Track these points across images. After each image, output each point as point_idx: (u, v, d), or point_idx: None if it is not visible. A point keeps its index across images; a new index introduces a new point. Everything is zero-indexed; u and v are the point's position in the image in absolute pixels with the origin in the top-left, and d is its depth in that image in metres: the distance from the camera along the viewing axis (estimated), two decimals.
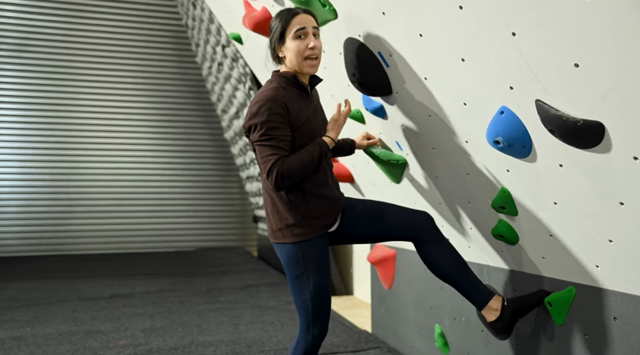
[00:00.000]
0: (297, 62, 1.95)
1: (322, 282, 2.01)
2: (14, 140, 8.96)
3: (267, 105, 1.88)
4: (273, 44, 1.99)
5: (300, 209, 1.98)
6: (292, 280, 2.02)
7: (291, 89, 1.97)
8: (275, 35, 1.97)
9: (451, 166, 2.13)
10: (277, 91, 1.92)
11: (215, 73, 8.25)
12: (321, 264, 2.01)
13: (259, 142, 1.89)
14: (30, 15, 9.04)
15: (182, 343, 3.53)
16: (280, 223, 2.00)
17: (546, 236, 1.87)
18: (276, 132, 1.88)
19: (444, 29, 1.66)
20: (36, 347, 3.48)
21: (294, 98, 1.95)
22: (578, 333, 1.89)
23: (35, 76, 9.03)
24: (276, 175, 1.86)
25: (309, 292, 1.99)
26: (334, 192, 2.07)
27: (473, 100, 1.76)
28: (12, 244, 8.93)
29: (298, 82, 1.98)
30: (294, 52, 1.94)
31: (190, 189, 9.65)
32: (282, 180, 1.87)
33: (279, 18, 1.96)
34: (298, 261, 1.99)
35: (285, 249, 2.01)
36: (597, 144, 1.41)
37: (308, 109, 2.00)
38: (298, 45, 1.93)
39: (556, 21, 1.30)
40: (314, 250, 2.00)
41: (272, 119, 1.87)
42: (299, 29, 1.92)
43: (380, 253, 3.39)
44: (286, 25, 1.94)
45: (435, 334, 2.84)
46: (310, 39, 1.94)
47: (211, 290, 5.52)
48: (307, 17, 1.95)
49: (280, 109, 1.88)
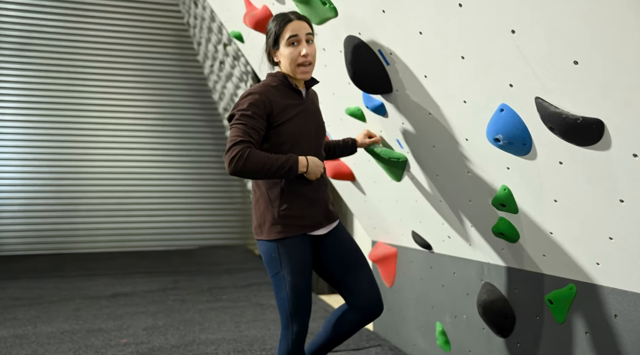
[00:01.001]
0: (291, 69, 2.01)
1: (299, 283, 2.01)
2: (16, 139, 8.96)
3: (248, 97, 1.95)
4: (268, 48, 2.05)
5: (279, 207, 2.00)
6: (271, 278, 2.05)
7: (281, 87, 2.02)
8: (270, 41, 2.03)
9: (451, 164, 2.13)
10: (264, 87, 1.99)
11: (216, 71, 8.25)
12: (298, 265, 2.01)
13: (232, 125, 1.92)
14: (32, 14, 9.04)
15: (183, 341, 3.53)
16: (260, 219, 2.04)
17: (546, 234, 1.87)
18: (250, 120, 1.91)
19: (444, 27, 1.66)
20: (38, 345, 3.49)
21: (282, 96, 2.00)
22: (579, 331, 1.89)
23: (37, 75, 9.04)
24: (234, 155, 1.84)
25: (285, 291, 2.01)
26: (316, 194, 2.06)
27: (473, 98, 1.76)
28: (14, 243, 8.94)
29: (288, 82, 2.03)
30: (287, 59, 2.00)
31: (192, 187, 9.66)
32: (237, 164, 1.83)
33: (274, 23, 2.02)
34: (275, 259, 2.01)
35: (263, 245, 2.04)
36: (596, 141, 1.41)
37: (296, 108, 2.03)
38: (291, 52, 1.99)
39: (555, 18, 1.30)
40: (291, 250, 2.01)
41: (250, 108, 1.92)
42: (292, 36, 1.97)
43: (382, 251, 3.39)
44: (280, 31, 1.99)
45: (436, 332, 2.84)
46: (303, 46, 1.99)
47: (213, 288, 5.53)
48: (301, 24, 1.99)
49: (261, 103, 1.93)
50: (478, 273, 2.49)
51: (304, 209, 2.03)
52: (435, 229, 2.66)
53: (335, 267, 2.14)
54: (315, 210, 2.06)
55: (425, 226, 2.75)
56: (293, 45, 1.98)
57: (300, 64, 1.99)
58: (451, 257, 2.71)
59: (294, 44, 1.98)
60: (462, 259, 2.61)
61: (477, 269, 2.49)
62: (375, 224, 3.42)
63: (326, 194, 2.13)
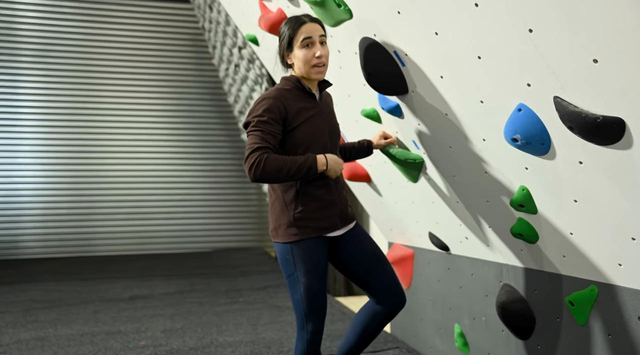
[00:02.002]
0: (305, 70, 2.03)
1: (313, 285, 2.03)
2: (36, 143, 9.09)
3: (263, 102, 1.97)
4: (282, 51, 2.07)
5: (294, 209, 2.02)
6: (286, 279, 2.08)
7: (295, 91, 2.04)
8: (283, 44, 2.05)
9: (468, 165, 2.11)
10: (278, 91, 2.01)
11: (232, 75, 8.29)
12: (312, 267, 2.03)
13: (249, 132, 1.95)
14: (52, 21, 9.17)
15: (201, 344, 3.55)
16: (276, 222, 2.06)
17: (566, 234, 1.84)
18: (266, 126, 1.93)
19: (460, 27, 1.65)
20: (59, 347, 3.53)
21: (296, 99, 2.02)
22: (601, 333, 1.87)
23: (56, 80, 9.16)
24: (253, 162, 1.87)
25: (300, 292, 2.04)
26: (332, 196, 2.07)
27: (490, 98, 1.74)
28: (35, 246, 9.06)
29: (302, 85, 2.05)
30: (301, 61, 2.02)
31: (209, 190, 9.70)
32: (256, 170, 1.87)
33: (287, 26, 2.03)
34: (289, 261, 2.04)
35: (278, 247, 2.07)
36: (617, 141, 1.39)
37: (310, 111, 2.04)
38: (305, 54, 2.01)
39: (574, 16, 1.28)
40: (306, 252, 2.03)
41: (265, 114, 1.94)
42: (306, 38, 1.99)
43: (399, 252, 3.38)
44: (293, 34, 2.01)
45: (454, 334, 2.82)
46: (317, 48, 2.01)
47: (230, 291, 5.55)
48: (314, 26, 2.02)
49: (276, 108, 1.96)
50: (496, 274, 2.47)
51: (319, 211, 2.04)
52: (452, 230, 2.65)
53: (357, 266, 2.17)
54: (331, 212, 2.07)
55: (442, 227, 2.73)
56: (307, 47, 2.00)
57: (314, 65, 2.01)
58: (469, 259, 2.69)
59: (308, 45, 2.00)
60: (480, 260, 2.59)
61: (496, 271, 2.47)
62: (391, 225, 3.41)
63: (342, 195, 2.14)
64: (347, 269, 2.19)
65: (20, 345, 3.58)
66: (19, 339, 3.74)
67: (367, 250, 2.18)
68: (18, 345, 3.60)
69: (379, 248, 2.23)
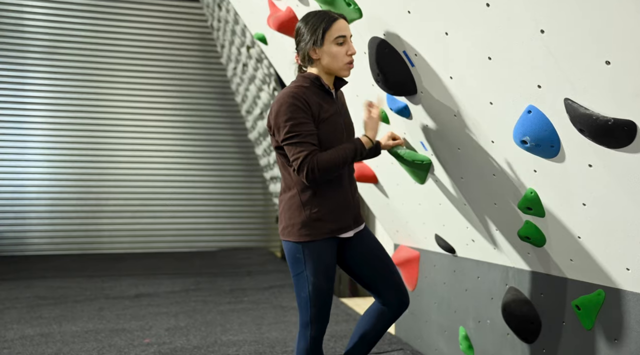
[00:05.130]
0: (337, 67, 2.00)
1: (322, 285, 2.03)
2: (43, 140, 9.13)
3: (287, 102, 1.93)
4: (308, 45, 1.99)
5: (310, 209, 2.01)
6: (293, 277, 2.08)
7: (314, 88, 2.01)
8: (312, 38, 1.97)
9: (477, 167, 2.10)
10: (298, 89, 1.98)
11: (239, 74, 8.30)
12: (322, 267, 2.03)
13: (286, 141, 1.93)
14: (60, 18, 9.21)
15: (205, 342, 3.55)
16: (289, 221, 2.05)
17: (574, 238, 1.83)
18: (301, 127, 1.91)
19: (470, 27, 1.64)
20: (63, 344, 3.54)
21: (316, 97, 1.99)
22: (607, 338, 1.85)
23: (63, 78, 9.20)
24: (307, 170, 1.90)
25: (307, 291, 2.04)
26: (347, 197, 2.08)
27: (500, 99, 1.73)
28: (41, 243, 9.10)
29: (321, 83, 2.02)
30: (334, 57, 1.98)
31: (215, 189, 9.72)
32: (313, 175, 1.91)
33: (318, 21, 1.97)
34: (300, 260, 2.04)
35: (289, 246, 2.06)
36: (628, 144, 1.38)
37: (330, 110, 2.02)
38: (339, 51, 1.98)
39: (586, 17, 1.27)
40: (317, 252, 2.02)
41: (295, 115, 1.91)
42: (340, 36, 1.97)
43: (404, 254, 3.37)
44: (327, 29, 1.96)
45: (459, 337, 2.81)
46: (349, 46, 1.99)
47: (235, 290, 5.55)
48: (346, 24, 2.01)
49: (301, 105, 1.93)
50: (503, 277, 2.45)
51: (334, 212, 2.04)
52: (459, 232, 2.63)
53: (365, 267, 2.18)
54: (345, 214, 2.08)
55: (448, 229, 2.72)
56: (340, 45, 1.98)
57: (348, 62, 2.00)
58: (475, 261, 2.68)
59: (341, 43, 1.98)
60: (487, 263, 2.57)
61: (502, 273, 2.45)
62: (397, 227, 3.40)
63: (355, 197, 2.16)
64: (353, 269, 2.20)
65: (24, 341, 3.59)
66: (23, 335, 3.75)
67: (375, 252, 2.19)
68: (22, 341, 3.61)
69: (385, 251, 2.24)
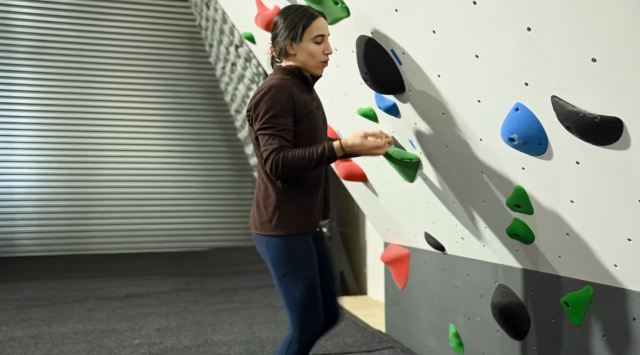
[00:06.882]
0: (312, 64, 1.99)
1: (315, 279, 1.99)
2: (31, 140, 9.05)
3: (270, 92, 1.89)
4: (286, 40, 1.96)
5: (297, 201, 1.95)
6: (281, 278, 1.97)
7: (296, 81, 1.99)
8: (291, 33, 1.95)
9: (465, 164, 2.11)
10: (283, 81, 1.94)
11: (228, 73, 8.27)
12: (312, 261, 1.99)
13: (260, 131, 1.90)
14: (47, 17, 9.13)
15: (196, 342, 3.54)
16: (271, 214, 1.95)
17: (562, 235, 1.84)
18: (277, 120, 1.88)
19: (458, 25, 1.64)
20: (53, 345, 3.51)
21: (299, 90, 1.97)
22: (596, 334, 1.86)
23: (51, 78, 9.12)
24: (271, 164, 1.86)
25: (301, 287, 1.96)
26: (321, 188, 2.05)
27: (487, 97, 1.73)
28: (30, 244, 9.03)
29: (303, 75, 2.01)
30: (310, 55, 1.97)
31: (205, 189, 9.69)
32: (276, 170, 1.86)
33: (297, 17, 1.95)
34: (288, 256, 1.95)
35: (273, 242, 1.95)
36: (615, 141, 1.38)
37: (311, 103, 2.01)
38: (316, 50, 1.97)
39: (572, 15, 1.27)
40: (308, 246, 1.98)
41: (274, 107, 1.88)
42: (319, 35, 1.96)
43: (394, 253, 3.37)
44: (307, 26, 1.94)
45: (449, 334, 2.82)
46: (326, 45, 1.99)
47: (225, 290, 5.54)
48: (325, 23, 1.99)
49: (284, 98, 1.89)
50: (492, 275, 2.46)
51: (315, 205, 2.01)
52: (448, 230, 2.64)
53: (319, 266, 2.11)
54: (320, 206, 2.05)
55: (438, 227, 2.72)
56: (318, 44, 1.97)
57: (323, 61, 1.99)
58: (465, 259, 2.68)
59: (319, 42, 1.97)
60: (476, 261, 2.58)
61: (491, 271, 2.46)
62: (387, 225, 3.40)
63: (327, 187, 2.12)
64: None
65: (13, 343, 3.56)
66: (12, 337, 3.72)
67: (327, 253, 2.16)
68: (12, 342, 3.58)
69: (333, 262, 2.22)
